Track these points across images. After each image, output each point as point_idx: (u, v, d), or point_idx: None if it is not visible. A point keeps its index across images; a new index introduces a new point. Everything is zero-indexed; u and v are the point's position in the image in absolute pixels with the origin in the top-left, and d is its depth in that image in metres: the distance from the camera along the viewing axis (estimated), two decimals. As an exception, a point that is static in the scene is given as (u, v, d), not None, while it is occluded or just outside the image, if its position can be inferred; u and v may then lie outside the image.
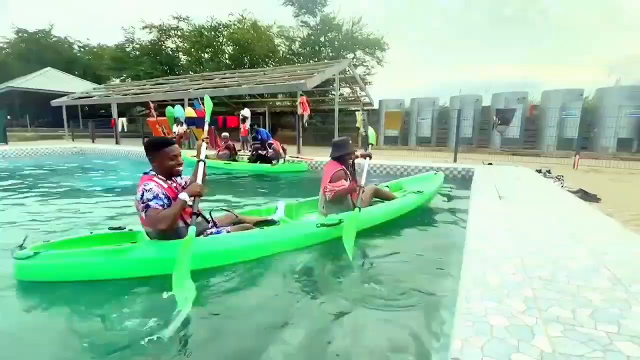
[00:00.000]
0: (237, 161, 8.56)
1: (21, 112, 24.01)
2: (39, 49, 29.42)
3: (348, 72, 15.03)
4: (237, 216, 2.88)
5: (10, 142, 16.09)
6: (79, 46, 32.92)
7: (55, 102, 19.10)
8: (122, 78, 23.99)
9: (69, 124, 19.26)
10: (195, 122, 13.84)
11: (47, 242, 2.33)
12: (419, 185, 4.36)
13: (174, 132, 13.61)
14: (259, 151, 8.08)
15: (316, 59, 19.66)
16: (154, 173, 2.32)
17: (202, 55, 23.16)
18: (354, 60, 19.92)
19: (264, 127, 18.58)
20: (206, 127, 3.08)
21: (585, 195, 4.04)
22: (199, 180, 2.50)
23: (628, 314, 1.37)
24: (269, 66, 21.32)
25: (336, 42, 19.36)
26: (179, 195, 2.25)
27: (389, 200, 3.69)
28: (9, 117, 24.12)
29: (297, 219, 3.38)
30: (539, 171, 6.27)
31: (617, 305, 1.44)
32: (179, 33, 23.50)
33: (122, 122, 16.56)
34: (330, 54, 19.88)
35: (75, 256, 2.20)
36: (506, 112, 9.70)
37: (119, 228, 2.56)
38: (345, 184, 3.17)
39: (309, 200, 3.66)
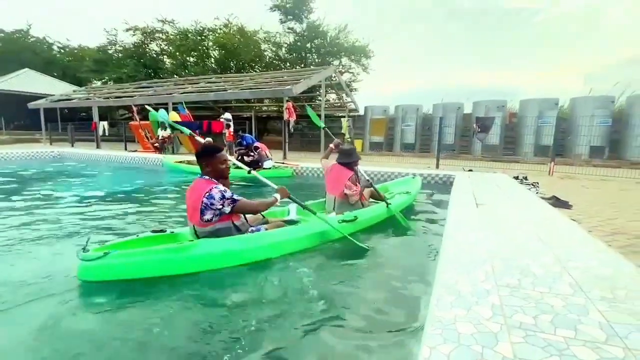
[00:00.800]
0: None
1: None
2: (17, 49, 28.46)
3: (334, 79, 15.20)
4: (264, 217, 3.17)
5: (-17, 145, 15.49)
6: (58, 47, 32.02)
7: (32, 105, 18.49)
8: (103, 80, 23.43)
9: (47, 127, 18.68)
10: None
11: (103, 244, 2.42)
12: (403, 187, 4.97)
13: (158, 136, 13.42)
14: (244, 157, 8.07)
15: (302, 65, 19.79)
16: (207, 177, 2.59)
17: (188, 58, 22.94)
18: (340, 67, 20.14)
19: (250, 131, 18.54)
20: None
21: (558, 202, 4.22)
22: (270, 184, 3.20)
23: (585, 320, 1.46)
24: (255, 71, 21.31)
25: (322, 49, 19.55)
26: (275, 195, 2.84)
27: (381, 200, 4.03)
28: (-18, 119, 23.21)
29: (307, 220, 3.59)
30: (516, 178, 6.50)
31: (576, 311, 1.53)
32: (164, 36, 23.21)
33: (103, 126, 16.20)
34: (317, 60, 20.05)
35: (141, 255, 2.35)
36: (486, 120, 10.03)
37: (161, 231, 2.72)
38: (359, 187, 3.81)
39: (314, 203, 4.00)
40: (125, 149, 14.98)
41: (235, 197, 2.57)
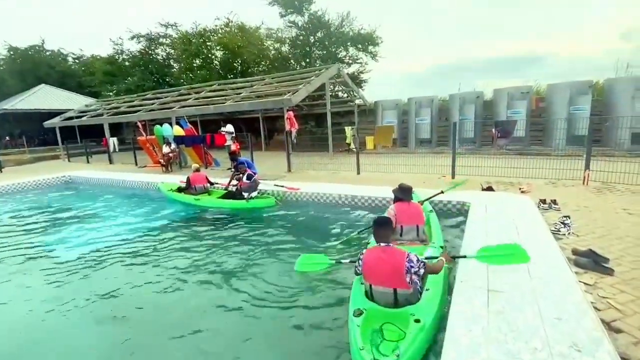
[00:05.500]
0: (209, 194, 8.05)
1: (18, 132, 24.04)
2: (33, 65, 29.21)
3: (340, 77, 14.31)
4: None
5: (6, 167, 16.04)
6: (72, 57, 32.65)
7: (47, 124, 18.96)
8: (114, 92, 23.59)
9: (64, 143, 19.11)
10: (184, 141, 13.49)
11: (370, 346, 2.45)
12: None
13: (164, 152, 13.26)
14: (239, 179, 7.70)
15: (307, 60, 18.87)
16: (390, 244, 2.83)
17: (193, 61, 22.59)
18: (347, 57, 19.03)
19: (260, 132, 18.14)
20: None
21: (594, 263, 3.43)
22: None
23: None
24: (260, 69, 20.58)
25: (326, 41, 18.46)
26: (441, 259, 3.11)
27: None
28: (7, 137, 24.22)
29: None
30: (543, 202, 5.63)
31: None
32: (168, 41, 22.89)
33: (113, 142, 16.46)
34: (322, 53, 19.02)
35: (409, 346, 2.45)
36: (507, 125, 8.92)
37: (360, 313, 2.70)
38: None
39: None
40: (136, 164, 15.05)
41: (422, 259, 2.83)
